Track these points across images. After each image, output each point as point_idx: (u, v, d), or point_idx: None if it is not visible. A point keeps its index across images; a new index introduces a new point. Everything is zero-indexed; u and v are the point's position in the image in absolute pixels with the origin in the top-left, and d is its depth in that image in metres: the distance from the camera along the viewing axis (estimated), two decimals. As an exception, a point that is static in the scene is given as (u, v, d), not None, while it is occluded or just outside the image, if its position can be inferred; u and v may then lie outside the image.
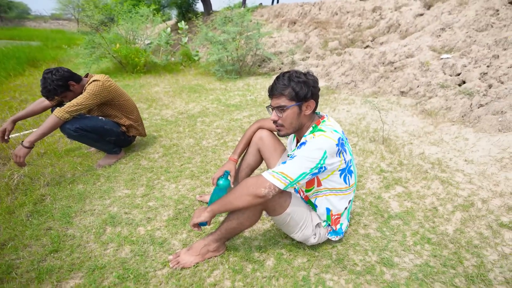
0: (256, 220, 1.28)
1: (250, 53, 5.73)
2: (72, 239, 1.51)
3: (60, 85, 1.95)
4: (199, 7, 14.69)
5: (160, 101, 4.02)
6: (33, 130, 2.85)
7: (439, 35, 4.70)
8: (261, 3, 11.92)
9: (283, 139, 1.65)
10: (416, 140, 2.51)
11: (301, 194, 1.43)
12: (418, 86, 3.71)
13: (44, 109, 2.26)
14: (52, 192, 1.93)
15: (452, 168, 2.04)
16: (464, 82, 3.42)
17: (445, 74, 3.69)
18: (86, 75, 2.16)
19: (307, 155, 1.11)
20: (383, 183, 1.93)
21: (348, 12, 7.41)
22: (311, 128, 1.25)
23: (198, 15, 7.00)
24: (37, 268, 1.32)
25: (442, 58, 3.94)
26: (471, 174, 1.96)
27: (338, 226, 1.36)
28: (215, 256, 1.36)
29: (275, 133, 1.60)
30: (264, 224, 1.61)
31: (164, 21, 10.76)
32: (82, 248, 1.45)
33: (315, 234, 1.34)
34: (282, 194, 1.22)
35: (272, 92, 1.21)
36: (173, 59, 7.25)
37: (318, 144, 1.12)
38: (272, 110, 1.24)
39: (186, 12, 13.09)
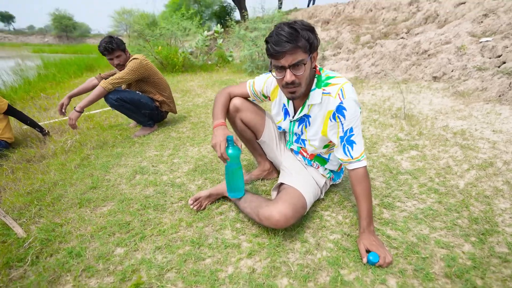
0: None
1: (281, 50, 5.89)
2: (108, 182, 1.77)
3: (122, 43, 2.41)
4: (236, 15, 15.38)
5: (193, 92, 4.35)
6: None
7: (481, 22, 4.41)
8: (296, 7, 12.11)
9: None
10: (442, 116, 2.42)
11: (304, 154, 1.39)
12: (452, 71, 3.54)
13: (93, 87, 2.64)
14: (95, 152, 2.25)
15: (476, 137, 1.96)
16: (504, 63, 3.19)
17: (483, 57, 3.47)
18: (129, 54, 2.51)
19: (357, 114, 1.10)
20: (398, 148, 1.92)
21: (383, 8, 7.25)
22: (315, 80, 1.15)
23: (235, 23, 7.39)
24: (79, 198, 1.58)
25: (481, 42, 3.71)
26: (497, 141, 1.86)
27: (341, 167, 1.42)
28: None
29: (250, 99, 1.46)
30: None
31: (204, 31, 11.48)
32: (115, 187, 1.69)
33: (321, 191, 1.38)
34: (303, 202, 1.19)
35: (283, 46, 0.97)
36: (209, 62, 7.71)
37: (352, 96, 1.09)
38: (285, 70, 1.03)
39: (224, 21, 13.79)
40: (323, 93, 1.14)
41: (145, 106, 2.51)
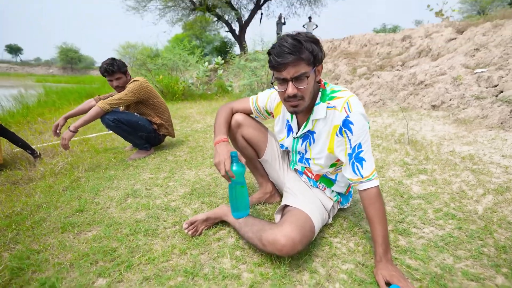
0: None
1: (279, 80, 6.02)
2: (96, 205, 1.64)
3: (124, 65, 2.40)
4: (236, 50, 16.07)
5: (192, 118, 4.33)
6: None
7: (473, 55, 4.56)
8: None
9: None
10: (447, 142, 2.37)
11: (309, 175, 1.30)
12: (450, 100, 3.57)
13: (91, 109, 2.59)
14: (87, 175, 2.13)
15: (486, 161, 1.88)
16: (501, 92, 3.22)
17: (479, 86, 3.52)
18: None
19: (365, 129, 1.02)
20: (406, 173, 1.83)
21: (377, 43, 7.58)
22: (319, 94, 1.10)
23: (235, 56, 7.65)
24: (62, 222, 1.44)
25: (476, 73, 3.80)
26: (509, 166, 1.78)
27: (349, 190, 1.31)
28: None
29: (252, 115, 1.41)
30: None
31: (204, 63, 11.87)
32: (104, 211, 1.56)
33: (328, 215, 1.27)
34: (311, 225, 1.08)
35: (286, 58, 0.94)
36: (209, 92, 7.83)
37: (359, 110, 1.02)
38: (287, 83, 0.99)
39: (225, 55, 14.35)
40: (327, 107, 1.08)
41: (142, 129, 2.44)
